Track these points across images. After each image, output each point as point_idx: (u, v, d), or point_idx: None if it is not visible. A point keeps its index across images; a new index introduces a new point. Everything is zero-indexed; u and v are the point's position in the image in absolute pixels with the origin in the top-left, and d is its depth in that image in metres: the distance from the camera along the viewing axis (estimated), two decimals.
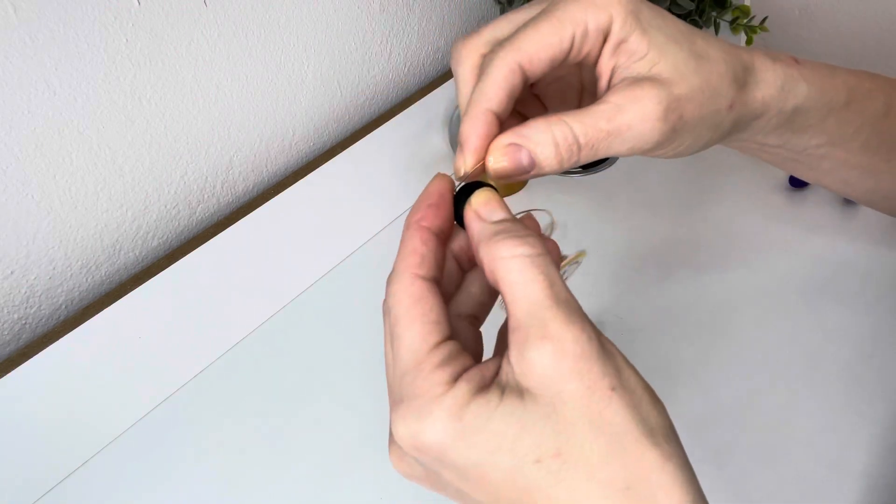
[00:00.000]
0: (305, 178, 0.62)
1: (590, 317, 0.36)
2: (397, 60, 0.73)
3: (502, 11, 0.85)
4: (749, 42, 0.72)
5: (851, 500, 0.42)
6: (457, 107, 0.73)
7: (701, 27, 0.71)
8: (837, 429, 0.45)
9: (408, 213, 0.30)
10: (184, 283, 0.56)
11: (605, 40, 0.31)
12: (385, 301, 0.28)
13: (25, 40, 0.47)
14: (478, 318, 0.32)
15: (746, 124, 0.37)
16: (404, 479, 0.47)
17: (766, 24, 0.72)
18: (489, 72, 0.30)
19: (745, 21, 0.71)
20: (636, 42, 0.31)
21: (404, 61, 0.74)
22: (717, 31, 0.73)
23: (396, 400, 0.26)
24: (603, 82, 0.33)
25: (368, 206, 0.70)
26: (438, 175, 0.30)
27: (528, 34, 0.30)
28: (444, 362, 0.26)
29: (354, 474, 0.49)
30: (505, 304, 0.27)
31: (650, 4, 0.32)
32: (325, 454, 0.51)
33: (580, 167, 0.75)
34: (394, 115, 0.68)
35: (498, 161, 0.30)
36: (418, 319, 0.27)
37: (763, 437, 0.46)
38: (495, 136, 0.30)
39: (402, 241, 0.29)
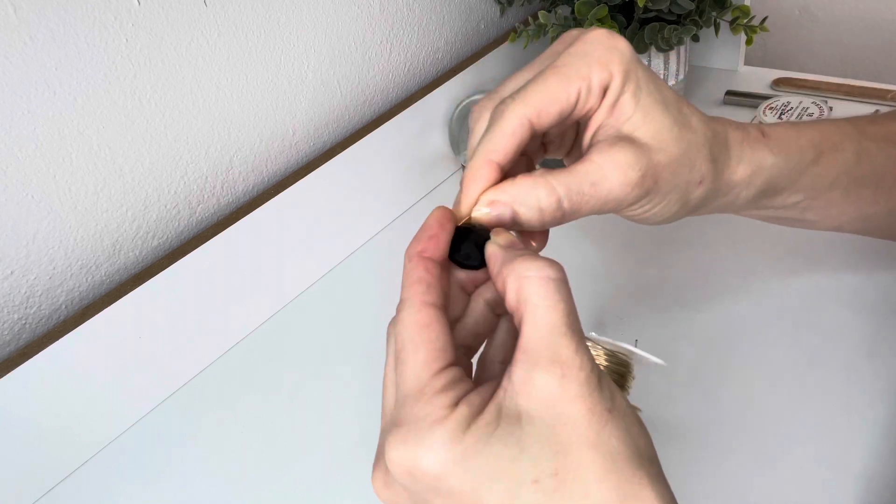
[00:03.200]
0: (305, 178, 0.62)
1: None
2: (397, 60, 0.73)
3: (502, 12, 0.85)
4: (749, 42, 0.72)
5: (851, 500, 0.42)
6: (457, 107, 0.73)
7: (701, 27, 0.71)
8: (837, 429, 0.45)
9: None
10: (184, 283, 0.56)
11: (604, 97, 0.32)
12: (391, 325, 0.29)
13: (25, 40, 0.47)
14: (471, 348, 0.32)
15: (715, 199, 0.37)
16: None
17: (766, 24, 0.72)
18: (498, 123, 0.31)
19: (745, 21, 0.71)
20: (626, 102, 0.32)
21: (404, 61, 0.74)
22: (717, 32, 0.73)
23: (394, 423, 0.26)
24: (587, 137, 0.33)
25: (368, 206, 0.70)
26: (438, 208, 0.31)
27: (538, 88, 0.31)
28: (447, 387, 0.26)
29: (355, 474, 0.49)
30: (520, 322, 0.27)
31: (645, 65, 0.33)
32: (324, 454, 0.51)
33: None
34: (394, 115, 0.68)
35: (481, 212, 0.31)
36: (424, 346, 0.27)
37: (763, 437, 0.46)
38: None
39: (405, 273, 0.29)
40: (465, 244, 0.30)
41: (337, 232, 0.67)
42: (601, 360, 0.34)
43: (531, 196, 0.30)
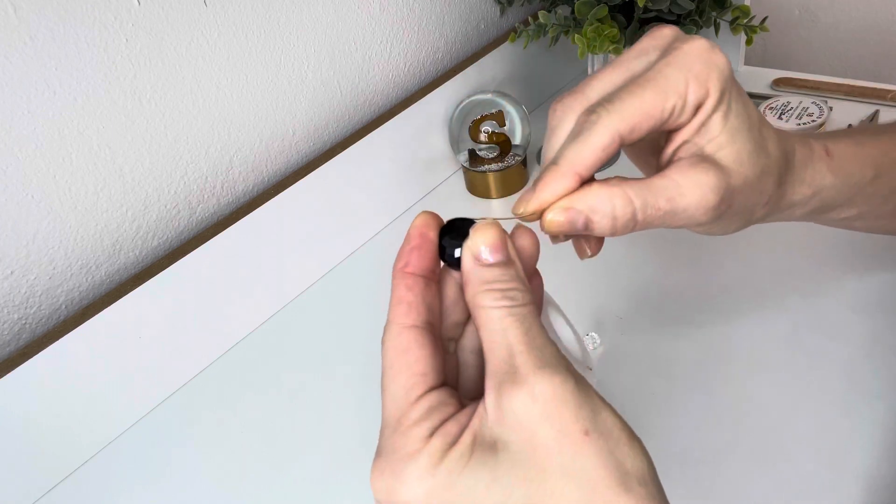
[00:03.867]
0: (305, 178, 0.62)
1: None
2: (397, 60, 0.73)
3: (502, 12, 0.85)
4: (749, 42, 0.72)
5: (851, 500, 0.42)
6: (457, 107, 0.73)
7: (701, 27, 0.71)
8: (837, 429, 0.45)
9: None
10: (184, 283, 0.56)
11: (695, 114, 0.31)
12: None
13: (25, 40, 0.47)
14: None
15: (772, 216, 0.37)
16: None
17: (766, 24, 0.72)
18: (589, 135, 0.30)
19: (745, 21, 0.71)
20: (715, 122, 0.31)
21: (404, 61, 0.74)
22: (717, 32, 0.73)
23: (377, 451, 0.27)
24: (669, 151, 0.32)
25: (368, 206, 0.70)
26: (421, 214, 0.30)
27: (634, 102, 0.30)
28: (424, 417, 0.26)
29: (355, 474, 0.49)
30: (483, 352, 0.27)
31: (738, 83, 0.32)
32: (324, 454, 0.51)
33: None
34: (394, 115, 0.69)
35: (554, 218, 0.30)
36: (403, 372, 0.27)
37: (763, 437, 0.46)
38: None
39: (391, 290, 0.29)
40: (452, 242, 0.29)
41: (337, 232, 0.67)
42: None
43: (607, 205, 0.30)
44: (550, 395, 0.25)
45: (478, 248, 0.28)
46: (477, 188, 0.73)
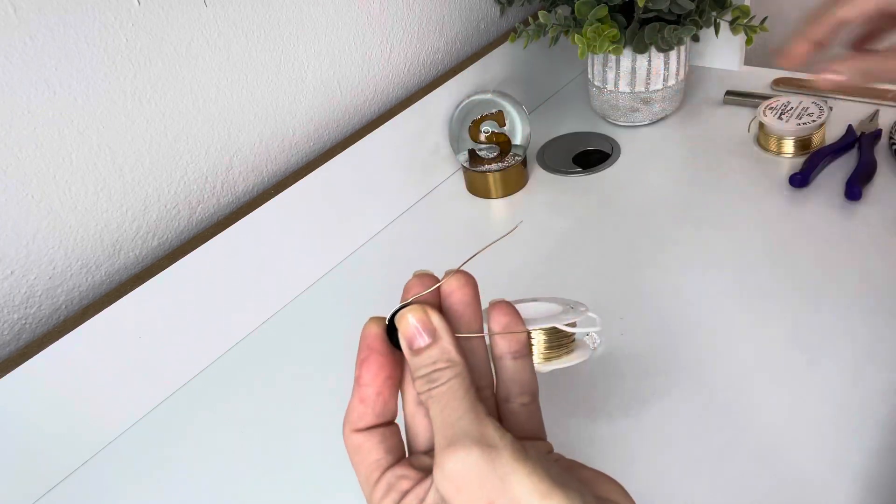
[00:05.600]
0: (305, 178, 0.62)
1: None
2: (397, 60, 0.73)
3: (502, 12, 0.85)
4: (749, 42, 0.72)
5: (851, 500, 0.42)
6: (457, 107, 0.73)
7: (701, 27, 0.71)
8: (837, 429, 0.45)
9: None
10: (184, 283, 0.56)
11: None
12: None
13: (25, 40, 0.47)
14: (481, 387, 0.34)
15: None
16: None
17: (766, 24, 0.72)
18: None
19: (745, 21, 0.71)
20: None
21: (404, 61, 0.74)
22: (717, 32, 0.73)
23: None
24: None
25: (368, 206, 0.70)
26: (367, 323, 0.34)
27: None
28: (384, 495, 0.31)
29: (354, 475, 0.49)
30: None
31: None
32: (324, 455, 0.51)
33: (580, 167, 0.75)
34: (394, 116, 0.69)
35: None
36: (361, 465, 0.32)
37: (763, 437, 0.46)
38: None
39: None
40: (396, 335, 0.33)
41: (337, 232, 0.67)
42: (541, 339, 0.36)
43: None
44: (457, 471, 0.28)
45: (404, 342, 0.32)
46: (477, 188, 0.73)
